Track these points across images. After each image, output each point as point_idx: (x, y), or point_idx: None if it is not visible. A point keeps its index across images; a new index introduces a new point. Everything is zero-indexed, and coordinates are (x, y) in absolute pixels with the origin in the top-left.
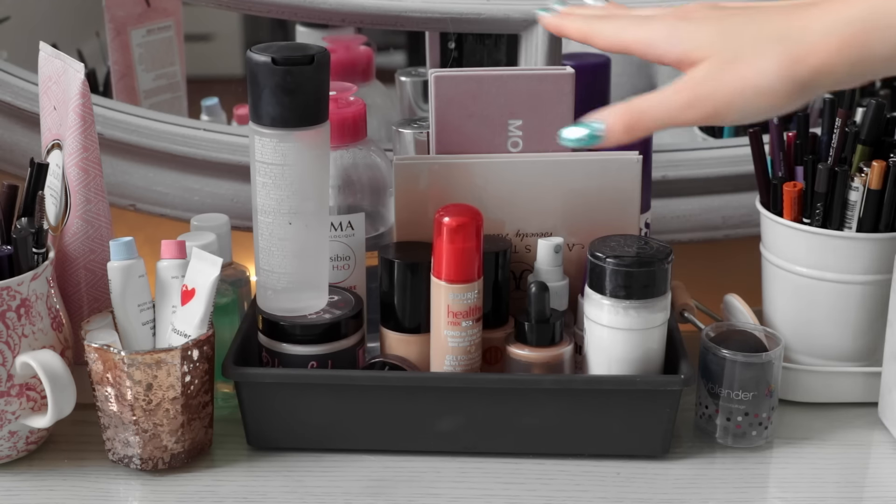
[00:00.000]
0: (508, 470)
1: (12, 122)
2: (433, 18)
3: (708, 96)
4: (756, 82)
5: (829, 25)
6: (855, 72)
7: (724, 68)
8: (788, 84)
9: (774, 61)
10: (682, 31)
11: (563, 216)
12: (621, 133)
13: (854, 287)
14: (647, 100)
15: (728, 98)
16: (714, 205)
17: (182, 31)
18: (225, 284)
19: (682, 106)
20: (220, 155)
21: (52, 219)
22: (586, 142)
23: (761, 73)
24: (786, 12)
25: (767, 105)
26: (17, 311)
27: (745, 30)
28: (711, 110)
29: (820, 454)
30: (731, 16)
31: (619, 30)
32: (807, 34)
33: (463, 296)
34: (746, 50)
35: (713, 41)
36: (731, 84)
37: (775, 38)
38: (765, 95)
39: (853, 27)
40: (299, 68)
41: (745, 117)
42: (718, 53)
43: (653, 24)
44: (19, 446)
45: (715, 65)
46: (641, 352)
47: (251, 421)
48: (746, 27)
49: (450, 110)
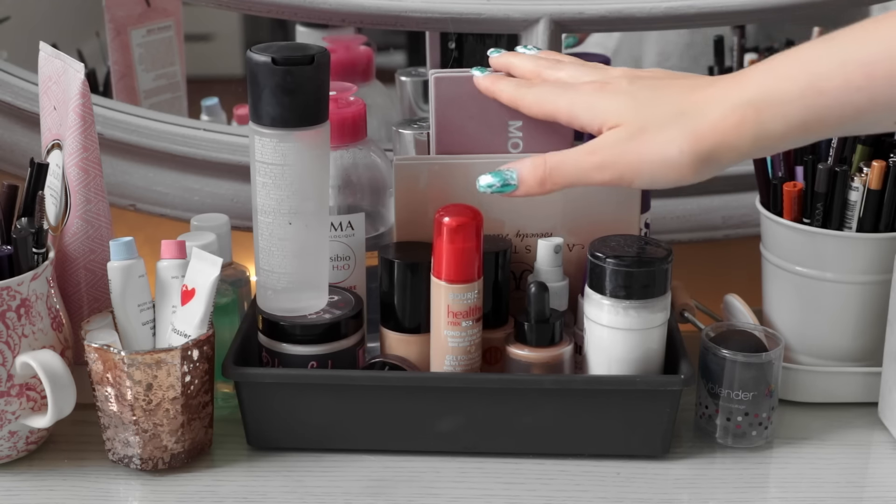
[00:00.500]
0: (508, 470)
1: (12, 122)
2: (433, 18)
3: (616, 161)
4: (661, 154)
5: (726, 106)
6: (758, 146)
7: (633, 137)
8: (691, 157)
9: (677, 136)
10: (599, 104)
11: (563, 216)
12: (534, 186)
13: (854, 287)
14: (561, 157)
15: (635, 165)
16: (714, 205)
17: (182, 31)
18: (225, 284)
19: (593, 167)
20: (220, 155)
21: (52, 219)
22: (499, 189)
23: (665, 145)
24: (688, 91)
25: (674, 176)
26: (17, 311)
27: (653, 104)
28: (619, 175)
29: (820, 454)
30: (643, 89)
31: (544, 100)
32: (706, 113)
33: (463, 296)
34: (654, 123)
35: (625, 112)
36: (637, 152)
37: (679, 115)
38: (669, 166)
39: (747, 108)
40: (299, 68)
41: (654, 184)
42: (629, 123)
43: (573, 97)
44: (19, 446)
45: (625, 133)
46: (641, 352)
47: (251, 421)
48: (654, 101)
49: (450, 111)
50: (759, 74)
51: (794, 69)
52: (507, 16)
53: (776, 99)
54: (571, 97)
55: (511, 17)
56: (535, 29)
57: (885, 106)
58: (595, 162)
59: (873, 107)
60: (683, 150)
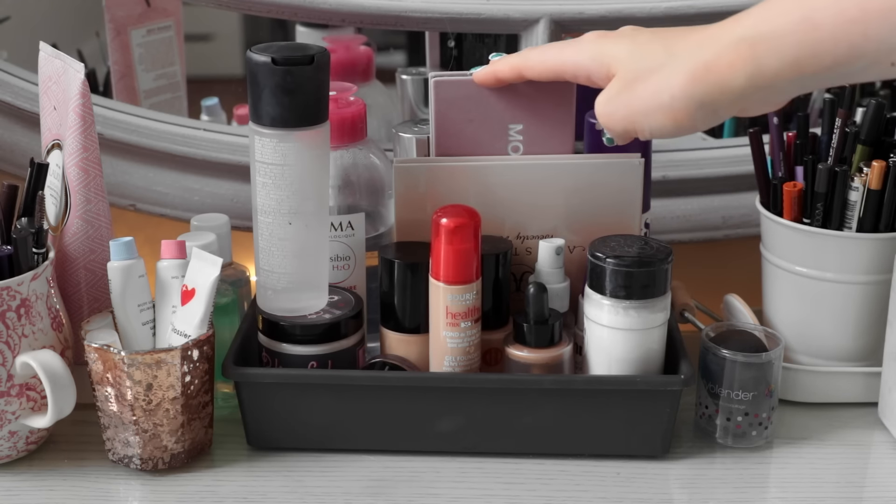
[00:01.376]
0: (508, 470)
1: (12, 122)
2: (433, 18)
3: (616, 113)
4: (654, 101)
5: (720, 44)
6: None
7: (627, 86)
8: (686, 101)
9: (674, 77)
10: (603, 48)
11: (564, 218)
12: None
13: (854, 287)
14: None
15: (632, 116)
16: (714, 205)
17: (182, 31)
18: (225, 284)
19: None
20: (220, 155)
21: (52, 219)
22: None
23: (661, 89)
24: (685, 33)
25: (670, 123)
26: (17, 311)
27: (651, 48)
28: (624, 128)
29: (819, 454)
30: (643, 34)
31: (548, 57)
32: (699, 54)
33: (461, 297)
34: (650, 67)
35: (623, 58)
36: (632, 102)
37: (670, 57)
38: (666, 112)
39: (740, 44)
40: (299, 68)
41: (656, 133)
42: (626, 70)
43: (579, 47)
44: (19, 446)
45: (620, 83)
46: (641, 352)
47: (251, 421)
48: (653, 45)
49: (450, 115)
50: (754, 12)
51: (788, 3)
52: (507, 16)
53: (770, 33)
54: (576, 48)
55: (511, 17)
56: (535, 29)
57: (878, 41)
58: (602, 117)
59: (866, 42)
60: (675, 95)
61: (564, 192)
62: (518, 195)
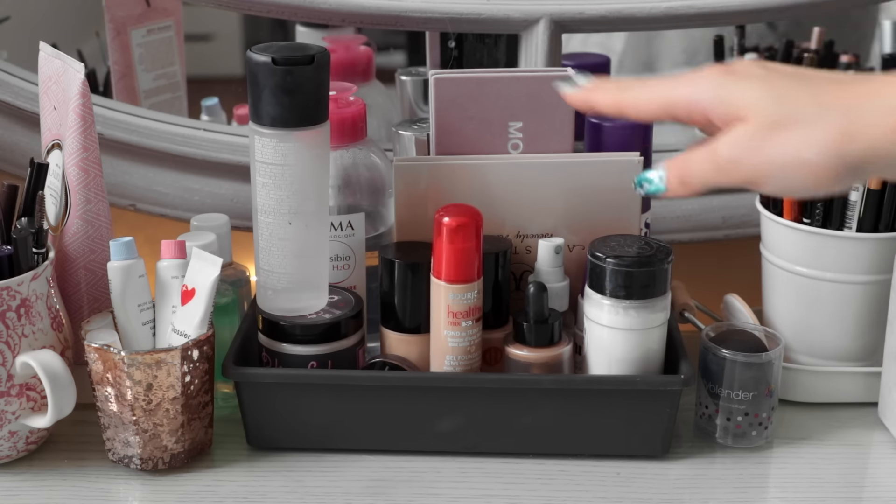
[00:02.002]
0: (508, 470)
1: (12, 122)
2: (433, 18)
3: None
4: (800, 153)
5: (886, 105)
6: None
7: (765, 133)
8: (835, 160)
9: (824, 133)
10: (729, 90)
11: (564, 217)
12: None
13: (854, 287)
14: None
15: (764, 168)
16: (714, 205)
17: (182, 31)
18: (225, 284)
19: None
20: (220, 155)
21: (52, 219)
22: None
23: (807, 143)
24: (840, 85)
25: (811, 180)
26: (17, 311)
27: (796, 95)
28: (744, 178)
29: (819, 454)
30: (782, 78)
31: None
32: (862, 111)
33: (463, 296)
34: (795, 117)
35: (759, 102)
36: (768, 152)
37: (827, 110)
38: (808, 169)
39: None
40: (299, 68)
41: (785, 190)
42: (763, 116)
43: (696, 83)
44: (19, 446)
45: (755, 128)
46: (641, 352)
47: (251, 421)
48: (798, 93)
49: (450, 112)
50: None
51: None
52: (507, 16)
53: None
54: (693, 83)
55: (511, 17)
56: (535, 29)
57: None
58: (720, 164)
59: None
60: (824, 152)
61: (564, 191)
62: (518, 194)
